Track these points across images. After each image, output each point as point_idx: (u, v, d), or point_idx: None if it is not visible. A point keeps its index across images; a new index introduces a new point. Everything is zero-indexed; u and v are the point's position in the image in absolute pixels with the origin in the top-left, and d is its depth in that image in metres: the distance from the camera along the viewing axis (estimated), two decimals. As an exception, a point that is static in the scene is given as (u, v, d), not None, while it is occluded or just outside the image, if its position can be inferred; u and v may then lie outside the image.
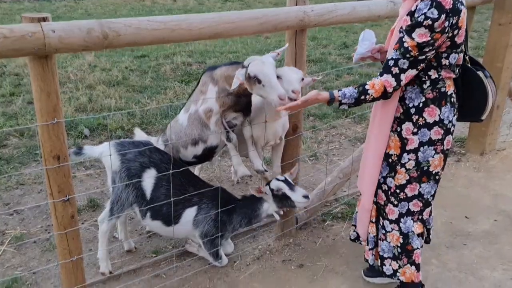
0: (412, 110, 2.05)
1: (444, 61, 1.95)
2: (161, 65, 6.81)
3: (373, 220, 2.38)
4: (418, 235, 2.28)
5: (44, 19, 1.69)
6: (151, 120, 4.73)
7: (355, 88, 2.01)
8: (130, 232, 3.03)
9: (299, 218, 3.07)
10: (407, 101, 2.06)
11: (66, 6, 13.76)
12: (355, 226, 2.59)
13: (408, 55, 1.87)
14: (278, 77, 2.21)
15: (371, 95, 1.97)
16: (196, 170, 3.48)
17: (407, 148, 2.10)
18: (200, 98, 2.51)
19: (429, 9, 1.78)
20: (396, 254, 2.30)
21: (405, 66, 1.89)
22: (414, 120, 2.06)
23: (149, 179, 2.47)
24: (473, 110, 2.23)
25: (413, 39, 1.84)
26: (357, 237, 2.60)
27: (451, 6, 1.79)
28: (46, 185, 1.93)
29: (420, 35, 1.83)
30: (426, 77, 2.00)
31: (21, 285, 2.57)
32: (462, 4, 1.85)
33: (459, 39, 1.91)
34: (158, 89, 5.75)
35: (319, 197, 3.17)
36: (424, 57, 1.88)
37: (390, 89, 1.95)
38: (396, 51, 1.92)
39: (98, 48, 1.85)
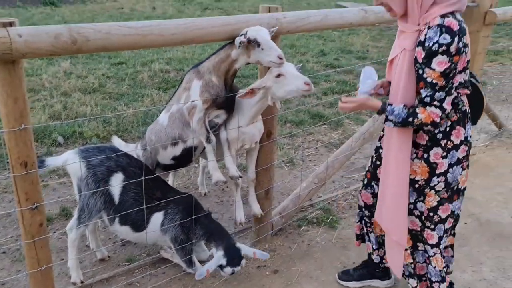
0: (439, 136, 2.00)
1: (455, 82, 1.92)
2: (138, 72, 6.77)
3: (408, 249, 2.29)
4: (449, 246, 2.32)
5: (11, 24, 1.67)
6: (127, 128, 4.69)
7: (405, 108, 1.94)
8: (103, 241, 2.99)
9: (274, 224, 3.08)
10: (434, 132, 2.02)
11: (42, 13, 13.58)
12: (376, 249, 2.50)
13: (437, 87, 1.84)
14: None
15: (420, 120, 1.90)
16: (170, 176, 3.46)
17: (437, 172, 2.04)
18: (183, 95, 2.51)
19: (440, 35, 1.76)
20: (444, 275, 2.24)
21: (442, 97, 1.85)
22: (443, 145, 2.01)
23: (116, 183, 2.45)
24: (472, 116, 2.21)
25: (434, 70, 1.81)
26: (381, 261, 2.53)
27: (459, 27, 1.79)
28: (14, 193, 1.89)
29: (440, 63, 1.79)
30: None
31: (-11, 296, 2.51)
32: (464, 23, 1.86)
33: (467, 57, 1.90)
34: (135, 97, 5.70)
35: (294, 202, 3.19)
36: (451, 81, 1.86)
37: (437, 119, 1.90)
38: (425, 90, 1.87)
39: (67, 53, 1.84)
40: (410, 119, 1.91)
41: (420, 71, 1.87)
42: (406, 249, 2.27)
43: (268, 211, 2.98)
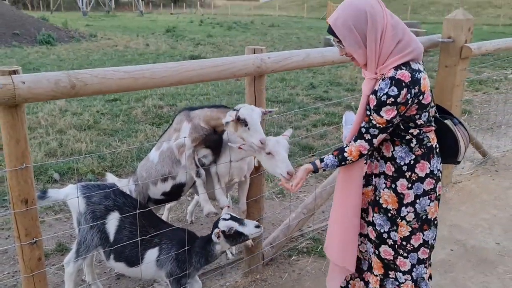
0: (405, 168, 2.14)
1: (419, 121, 2.08)
2: (132, 108, 6.94)
3: (379, 275, 2.37)
4: (428, 278, 2.38)
5: (15, 72, 1.82)
6: (121, 163, 4.81)
7: (335, 157, 2.16)
8: (98, 274, 3.06)
9: (265, 254, 3.17)
10: (397, 160, 2.16)
11: (38, 52, 13.89)
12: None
13: (377, 126, 2.03)
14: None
15: (350, 160, 2.13)
16: (165, 211, 3.56)
17: (404, 202, 2.18)
18: (174, 135, 2.66)
19: (390, 88, 1.92)
20: None
21: (376, 133, 2.04)
22: (408, 177, 2.14)
23: (112, 221, 2.55)
24: (447, 154, 2.34)
25: (382, 116, 1.98)
26: None
27: (410, 78, 1.93)
28: (14, 229, 1.99)
29: (387, 112, 1.97)
30: (410, 135, 2.12)
31: (-14, 332, 2.55)
32: (419, 72, 1.98)
33: (425, 101, 2.03)
34: (129, 132, 5.85)
35: (284, 232, 3.29)
36: (391, 124, 2.03)
37: (365, 152, 2.10)
38: (366, 123, 2.07)
39: (66, 97, 1.98)
40: (343, 163, 2.14)
41: (368, 113, 2.06)
42: (376, 275, 2.36)
43: (258, 242, 3.07)
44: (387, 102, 1.94)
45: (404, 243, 2.25)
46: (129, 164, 4.79)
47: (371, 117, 2.03)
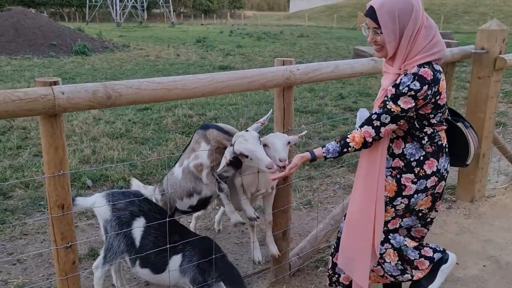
0: (414, 163, 2.19)
1: (433, 120, 2.14)
2: (163, 118, 7.09)
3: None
4: (414, 248, 2.34)
5: (55, 83, 1.91)
6: (151, 171, 4.91)
7: (337, 143, 2.17)
8: (128, 280, 3.13)
9: (292, 265, 3.17)
10: (407, 156, 2.21)
11: (74, 62, 14.37)
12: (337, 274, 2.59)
13: (390, 113, 2.05)
14: (265, 145, 2.41)
15: (353, 147, 2.13)
16: (193, 219, 3.62)
17: (403, 194, 2.23)
18: (191, 155, 2.70)
19: (412, 82, 1.98)
20: (402, 269, 2.34)
21: (386, 121, 2.05)
22: (416, 172, 2.20)
23: (138, 228, 2.61)
24: (457, 157, 2.43)
25: (398, 105, 2.02)
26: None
27: (432, 77, 2.01)
28: (50, 233, 2.08)
29: (405, 102, 2.01)
30: (423, 133, 2.16)
31: (21, 332, 2.65)
32: (440, 72, 2.07)
33: (441, 101, 2.11)
34: (160, 141, 5.97)
35: (311, 243, 3.28)
36: (404, 114, 2.05)
37: (369, 139, 2.11)
38: (380, 109, 2.09)
39: (102, 107, 2.07)
40: (345, 150, 2.13)
41: (386, 99, 2.07)
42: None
43: (285, 252, 3.08)
44: (407, 93, 1.98)
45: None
46: (159, 172, 4.89)
47: (387, 104, 2.04)
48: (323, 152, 2.18)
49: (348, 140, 2.14)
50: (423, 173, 2.20)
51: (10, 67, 12.95)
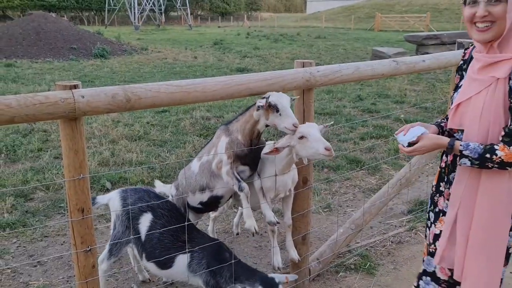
0: None
1: None
2: (180, 120, 7.11)
3: None
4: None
5: (75, 86, 1.91)
6: (170, 173, 4.92)
7: (481, 144, 1.76)
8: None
9: (312, 270, 3.12)
10: None
11: (93, 65, 14.55)
12: None
13: None
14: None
15: (500, 157, 1.69)
16: (210, 221, 3.60)
17: None
18: (212, 150, 2.71)
19: None
20: None
21: None
22: None
23: (144, 222, 2.67)
24: None
25: None
26: None
27: None
28: (70, 236, 2.07)
29: None
30: None
31: (41, 334, 2.66)
32: None
33: None
34: (178, 143, 5.98)
35: (331, 248, 3.23)
36: None
37: None
38: None
39: (122, 110, 2.06)
40: (488, 155, 1.70)
41: None
42: None
43: (305, 257, 3.03)
44: None
45: None
46: (177, 174, 4.88)
47: None
48: (460, 145, 1.78)
49: (496, 147, 1.72)
50: None
51: (31, 70, 13.18)
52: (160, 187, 3.28)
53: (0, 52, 16.12)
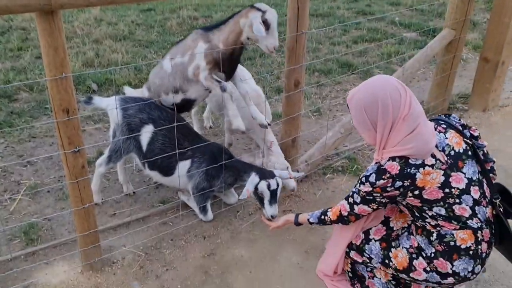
0: (425, 256, 1.93)
1: (430, 212, 1.86)
2: (167, 19, 6.76)
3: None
4: None
5: (49, -25, 1.73)
6: (157, 75, 4.78)
7: (320, 211, 2.15)
8: (138, 182, 3.19)
9: (300, 171, 3.19)
10: (423, 248, 1.94)
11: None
12: None
13: (358, 193, 1.93)
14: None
15: (329, 217, 2.08)
16: (192, 116, 3.69)
17: (411, 275, 1.97)
18: (187, 52, 2.63)
19: (371, 174, 1.83)
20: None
21: (357, 200, 1.94)
22: (426, 263, 1.93)
23: (146, 133, 2.66)
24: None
25: (360, 190, 1.90)
26: None
27: (398, 171, 1.77)
28: (57, 137, 2.04)
29: (363, 187, 1.87)
30: (428, 225, 1.90)
31: (37, 230, 2.75)
32: (419, 167, 1.78)
33: (429, 196, 1.81)
34: (164, 44, 5.75)
35: (320, 151, 3.27)
36: (372, 198, 1.89)
37: (345, 213, 2.01)
38: (354, 187, 1.98)
39: (103, 4, 1.90)
40: (323, 217, 2.12)
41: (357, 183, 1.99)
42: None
43: (294, 159, 3.08)
44: (363, 181, 1.87)
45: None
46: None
47: (357, 184, 1.94)
48: (308, 215, 2.20)
49: (328, 209, 2.12)
50: (435, 269, 1.91)
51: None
52: (131, 93, 3.21)
53: None
